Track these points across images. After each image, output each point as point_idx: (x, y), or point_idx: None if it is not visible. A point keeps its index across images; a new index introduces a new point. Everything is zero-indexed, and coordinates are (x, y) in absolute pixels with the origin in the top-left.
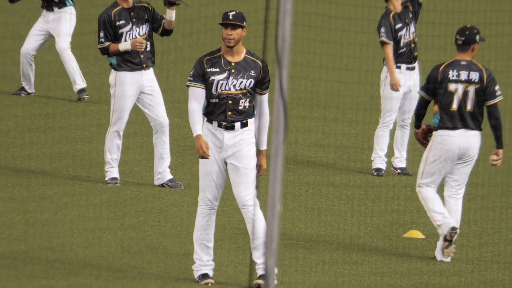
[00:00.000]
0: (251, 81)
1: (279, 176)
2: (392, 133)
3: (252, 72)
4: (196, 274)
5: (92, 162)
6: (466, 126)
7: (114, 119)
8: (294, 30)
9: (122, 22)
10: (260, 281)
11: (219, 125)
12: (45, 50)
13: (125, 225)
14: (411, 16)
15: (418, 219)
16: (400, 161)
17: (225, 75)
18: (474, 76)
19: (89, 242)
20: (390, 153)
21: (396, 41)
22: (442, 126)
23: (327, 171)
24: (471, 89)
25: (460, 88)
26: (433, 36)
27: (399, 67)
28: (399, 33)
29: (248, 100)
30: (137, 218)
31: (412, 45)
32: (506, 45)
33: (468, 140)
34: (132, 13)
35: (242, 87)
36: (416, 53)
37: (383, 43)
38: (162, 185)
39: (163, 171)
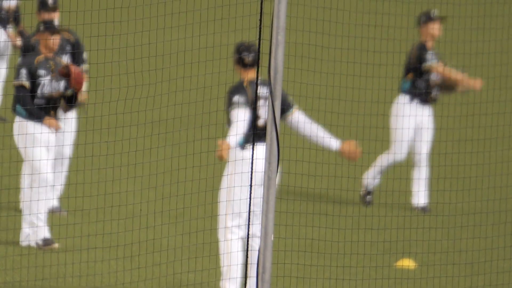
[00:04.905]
0: None
1: (272, 206)
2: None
3: None
4: None
5: (85, 193)
6: None
7: None
8: (286, 61)
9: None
10: None
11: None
12: None
13: (117, 256)
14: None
15: (410, 249)
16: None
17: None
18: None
19: (82, 273)
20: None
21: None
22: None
23: (319, 200)
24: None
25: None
26: None
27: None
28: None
29: None
30: (129, 248)
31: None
32: (498, 75)
33: None
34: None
35: None
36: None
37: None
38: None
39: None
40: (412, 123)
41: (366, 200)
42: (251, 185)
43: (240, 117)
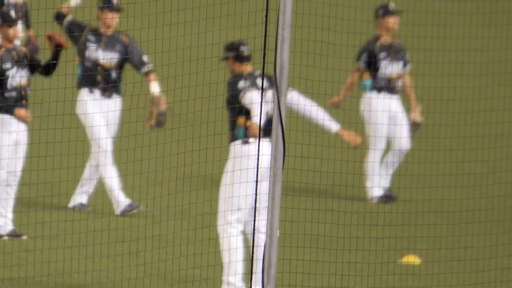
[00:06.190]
0: None
1: (277, 202)
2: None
3: None
4: None
5: None
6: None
7: None
8: (292, 57)
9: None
10: None
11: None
12: None
13: (123, 251)
14: (399, 54)
15: (415, 245)
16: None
17: None
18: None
19: (87, 268)
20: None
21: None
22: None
23: (324, 197)
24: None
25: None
26: (430, 63)
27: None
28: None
29: None
30: (135, 244)
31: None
32: (503, 71)
33: None
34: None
35: None
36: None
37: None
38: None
39: None
40: (385, 118)
41: (393, 198)
42: (256, 181)
43: (255, 99)
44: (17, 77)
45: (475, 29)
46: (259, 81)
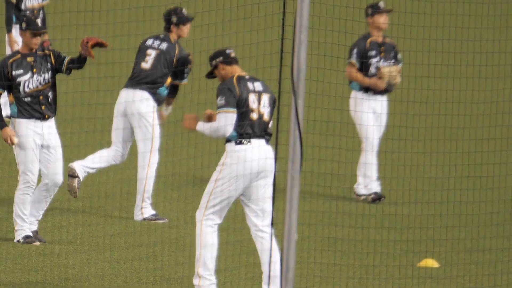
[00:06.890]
0: None
1: (295, 205)
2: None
3: None
4: None
5: (108, 193)
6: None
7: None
8: (308, 60)
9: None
10: None
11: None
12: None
13: (140, 255)
14: (392, 53)
15: (433, 248)
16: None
17: None
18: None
19: (105, 273)
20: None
21: (366, 66)
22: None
23: (342, 200)
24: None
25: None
26: (448, 65)
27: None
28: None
29: None
30: (152, 248)
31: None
32: None
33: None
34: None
35: None
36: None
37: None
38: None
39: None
40: (371, 119)
41: (379, 200)
42: (274, 184)
43: (221, 122)
44: (32, 82)
45: (492, 32)
46: (250, 84)
